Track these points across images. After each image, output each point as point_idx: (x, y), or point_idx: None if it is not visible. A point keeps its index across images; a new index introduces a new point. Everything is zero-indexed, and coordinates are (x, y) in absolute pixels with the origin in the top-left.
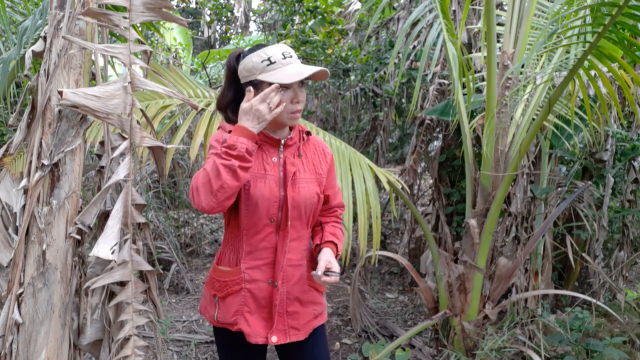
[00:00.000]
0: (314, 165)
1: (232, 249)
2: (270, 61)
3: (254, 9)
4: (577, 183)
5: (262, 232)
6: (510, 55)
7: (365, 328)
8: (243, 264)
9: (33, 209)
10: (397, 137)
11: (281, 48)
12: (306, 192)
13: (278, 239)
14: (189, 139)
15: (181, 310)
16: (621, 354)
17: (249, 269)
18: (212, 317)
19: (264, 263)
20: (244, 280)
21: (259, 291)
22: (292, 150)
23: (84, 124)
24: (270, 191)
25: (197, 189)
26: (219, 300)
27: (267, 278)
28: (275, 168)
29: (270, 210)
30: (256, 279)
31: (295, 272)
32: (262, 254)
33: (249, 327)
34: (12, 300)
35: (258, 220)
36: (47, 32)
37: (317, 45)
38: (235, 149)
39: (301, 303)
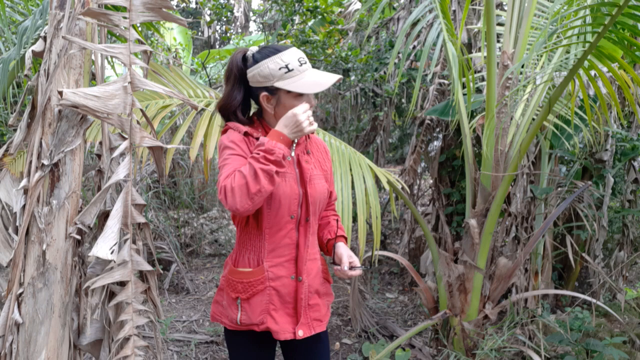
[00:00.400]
0: (319, 162)
1: (252, 249)
2: (287, 69)
3: (254, 9)
4: (577, 183)
5: (284, 229)
6: (510, 55)
7: (365, 328)
8: (266, 262)
9: (33, 209)
10: (397, 137)
11: (296, 54)
12: (320, 188)
13: (299, 234)
14: (189, 139)
15: (181, 310)
16: (621, 354)
17: (273, 267)
18: (234, 321)
19: (286, 259)
20: (267, 278)
21: (283, 288)
22: (301, 148)
23: (84, 124)
24: (290, 189)
25: (233, 191)
26: (243, 301)
27: (290, 274)
28: (291, 166)
29: (292, 208)
30: (280, 275)
31: (314, 266)
32: (284, 251)
33: (277, 324)
34: (12, 300)
35: (280, 218)
36: (47, 32)
37: (317, 45)
38: (273, 154)
39: (319, 295)
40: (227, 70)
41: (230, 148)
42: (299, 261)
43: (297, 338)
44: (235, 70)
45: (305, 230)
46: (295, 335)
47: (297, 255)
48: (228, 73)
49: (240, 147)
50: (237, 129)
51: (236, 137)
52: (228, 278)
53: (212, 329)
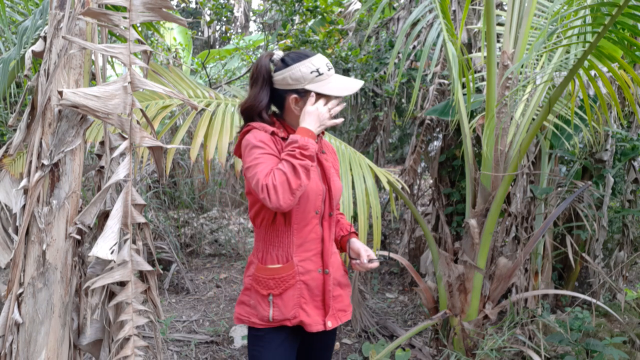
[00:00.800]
0: (332, 162)
1: (280, 246)
2: (318, 72)
3: (254, 9)
4: (577, 183)
5: (310, 224)
6: (510, 55)
7: (365, 328)
8: (295, 257)
9: (33, 209)
10: (397, 137)
11: (324, 59)
12: (339, 185)
13: (323, 229)
14: (189, 139)
15: (181, 310)
16: (621, 354)
17: (302, 262)
18: (266, 319)
19: (313, 254)
20: (297, 273)
21: (312, 281)
22: (318, 147)
23: (84, 124)
24: (316, 185)
25: (275, 188)
26: (275, 297)
27: (317, 267)
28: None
29: (317, 203)
30: (309, 269)
31: (336, 259)
32: (311, 245)
33: (309, 317)
34: (12, 300)
35: (307, 214)
36: (47, 32)
37: (317, 45)
38: (307, 149)
39: (341, 286)
40: (255, 73)
41: (260, 147)
42: (324, 254)
43: (327, 329)
44: (264, 72)
45: (328, 225)
46: (325, 326)
47: (323, 249)
48: (256, 75)
49: (270, 146)
50: (264, 128)
51: (264, 137)
52: (257, 276)
53: (212, 329)
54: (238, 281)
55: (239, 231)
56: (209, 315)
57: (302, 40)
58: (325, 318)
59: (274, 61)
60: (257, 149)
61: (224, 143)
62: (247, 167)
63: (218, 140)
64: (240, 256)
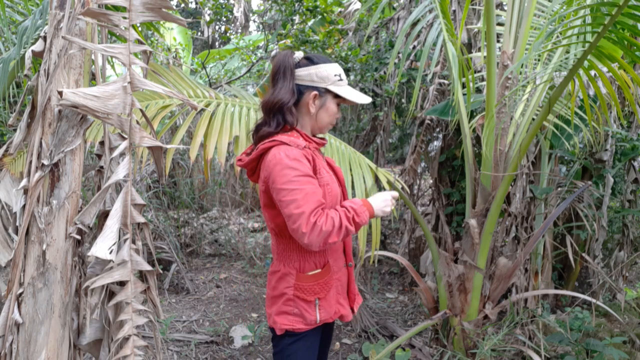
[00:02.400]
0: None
1: (316, 252)
2: (340, 77)
3: (254, 10)
4: (577, 183)
5: None
6: (510, 55)
7: (365, 328)
8: (329, 258)
9: (33, 209)
10: (397, 137)
11: (340, 69)
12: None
13: None
14: (189, 139)
15: (181, 310)
16: (621, 354)
17: (334, 261)
18: (313, 322)
19: (339, 252)
20: (333, 272)
21: (342, 276)
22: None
23: (84, 124)
24: (335, 190)
25: (320, 231)
26: (321, 300)
27: (343, 262)
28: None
29: (337, 204)
30: (340, 267)
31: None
32: (337, 245)
33: (345, 309)
34: (12, 300)
35: None
36: (47, 32)
37: (317, 45)
38: (360, 218)
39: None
40: (280, 67)
41: (295, 169)
42: (347, 249)
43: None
44: (291, 66)
45: None
46: (354, 312)
47: (345, 245)
48: (282, 69)
49: (304, 165)
50: (294, 144)
51: (297, 154)
52: (299, 286)
53: (212, 329)
54: (238, 281)
55: (239, 231)
56: (209, 315)
57: (302, 40)
58: (351, 305)
59: (295, 58)
60: (291, 171)
61: (224, 143)
62: (283, 190)
63: (218, 140)
64: (240, 256)
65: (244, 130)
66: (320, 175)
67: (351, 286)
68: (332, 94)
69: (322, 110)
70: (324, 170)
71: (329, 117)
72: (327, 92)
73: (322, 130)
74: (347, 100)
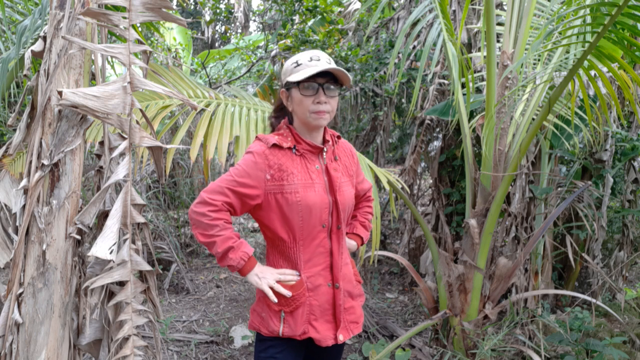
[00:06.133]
0: (346, 168)
1: (288, 262)
2: (297, 64)
3: (254, 10)
4: (577, 183)
5: (317, 239)
6: (509, 55)
7: (365, 328)
8: (304, 273)
9: (33, 209)
10: (397, 137)
11: (311, 53)
12: (349, 195)
13: (332, 242)
14: (189, 139)
15: (181, 310)
16: (621, 354)
17: (311, 277)
18: (275, 333)
19: (322, 268)
20: (307, 289)
21: (321, 296)
22: (330, 156)
23: (84, 124)
24: (320, 198)
25: (196, 214)
26: (286, 314)
27: (327, 281)
28: (320, 175)
29: (322, 217)
30: (318, 284)
31: (347, 270)
32: (319, 260)
33: (318, 333)
34: (12, 300)
35: (312, 228)
36: (47, 32)
37: (317, 45)
38: (222, 262)
39: (353, 297)
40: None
41: (238, 169)
42: (334, 268)
43: (338, 343)
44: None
45: (337, 238)
46: (336, 340)
47: (332, 263)
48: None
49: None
50: (266, 140)
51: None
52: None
53: (212, 329)
54: (238, 281)
55: (239, 231)
56: (209, 315)
57: (302, 40)
58: (336, 332)
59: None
60: (237, 168)
61: (224, 143)
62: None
63: (218, 140)
64: None
65: (244, 130)
66: (287, 182)
67: (337, 310)
68: (293, 84)
69: (294, 105)
70: (298, 175)
71: (302, 109)
72: (289, 84)
73: (309, 125)
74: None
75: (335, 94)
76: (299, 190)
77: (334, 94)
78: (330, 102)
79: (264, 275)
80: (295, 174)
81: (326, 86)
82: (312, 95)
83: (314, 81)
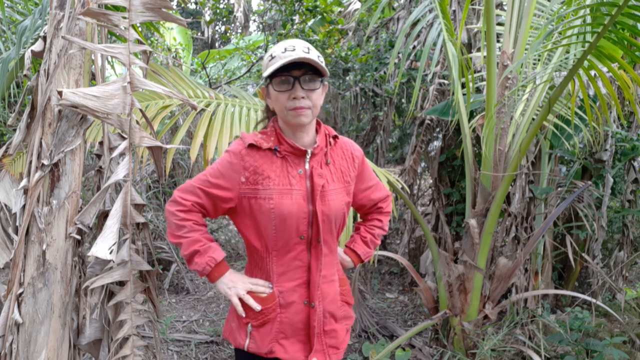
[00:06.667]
0: (342, 173)
1: (262, 273)
2: (272, 56)
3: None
4: (577, 183)
5: (293, 251)
6: (509, 55)
7: (365, 328)
8: (276, 287)
9: (33, 209)
10: (397, 137)
11: (287, 42)
12: (336, 205)
13: (310, 256)
14: (189, 139)
15: (181, 310)
16: (621, 354)
17: (284, 292)
18: (242, 346)
19: (297, 284)
20: (278, 305)
21: (295, 314)
22: (318, 159)
23: (84, 124)
24: (298, 207)
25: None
26: (253, 328)
27: (302, 299)
28: (301, 181)
29: (300, 227)
30: (291, 301)
31: (330, 289)
32: (295, 274)
33: (286, 353)
34: (12, 300)
35: (288, 239)
36: (47, 32)
37: (317, 45)
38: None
39: (336, 320)
40: None
41: (213, 169)
42: (311, 285)
43: None
44: None
45: (317, 252)
46: None
47: (309, 279)
48: None
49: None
50: (244, 139)
51: (231, 148)
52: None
53: (212, 329)
54: None
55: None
56: (209, 315)
57: (302, 40)
58: (309, 354)
59: None
60: (211, 171)
61: (224, 143)
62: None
63: (218, 140)
64: (240, 256)
65: (244, 130)
66: (262, 186)
67: (312, 332)
68: (268, 79)
69: (272, 102)
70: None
71: (279, 106)
72: (266, 80)
73: (289, 124)
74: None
75: (315, 87)
76: (273, 196)
77: (313, 86)
78: (310, 96)
79: (234, 285)
80: (272, 178)
81: (303, 79)
82: (288, 90)
83: (289, 74)
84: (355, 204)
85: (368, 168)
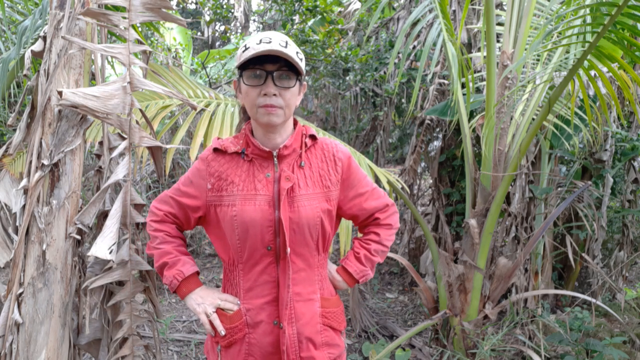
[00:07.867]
0: (320, 177)
1: (232, 288)
2: (246, 47)
3: (254, 10)
4: (576, 183)
5: (260, 264)
6: (509, 55)
7: (365, 328)
8: (243, 304)
9: (33, 209)
10: (397, 137)
11: (264, 34)
12: (309, 212)
13: (279, 270)
14: (188, 139)
15: (181, 310)
16: (621, 354)
17: (251, 310)
18: None
19: (266, 301)
20: (246, 324)
21: (263, 335)
22: (290, 161)
23: (84, 124)
24: (262, 214)
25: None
26: (223, 349)
27: (272, 318)
28: (268, 185)
29: (265, 237)
30: (259, 320)
31: (305, 310)
32: (263, 290)
33: None
34: (12, 300)
35: (254, 251)
36: (47, 32)
37: (317, 45)
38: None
39: (315, 346)
40: None
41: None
42: (280, 303)
43: None
44: None
45: (286, 265)
46: None
47: (278, 296)
48: None
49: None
50: (213, 144)
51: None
52: None
53: None
54: None
55: None
56: None
57: (302, 40)
58: None
59: None
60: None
61: None
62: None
63: None
64: None
65: None
66: (226, 192)
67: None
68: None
69: (242, 97)
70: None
71: (248, 102)
72: (238, 73)
73: (259, 122)
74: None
75: (289, 85)
76: (236, 202)
77: (287, 84)
78: (284, 94)
79: (203, 301)
80: (236, 184)
81: (276, 74)
82: (259, 85)
83: (261, 68)
84: (345, 213)
85: (357, 173)
